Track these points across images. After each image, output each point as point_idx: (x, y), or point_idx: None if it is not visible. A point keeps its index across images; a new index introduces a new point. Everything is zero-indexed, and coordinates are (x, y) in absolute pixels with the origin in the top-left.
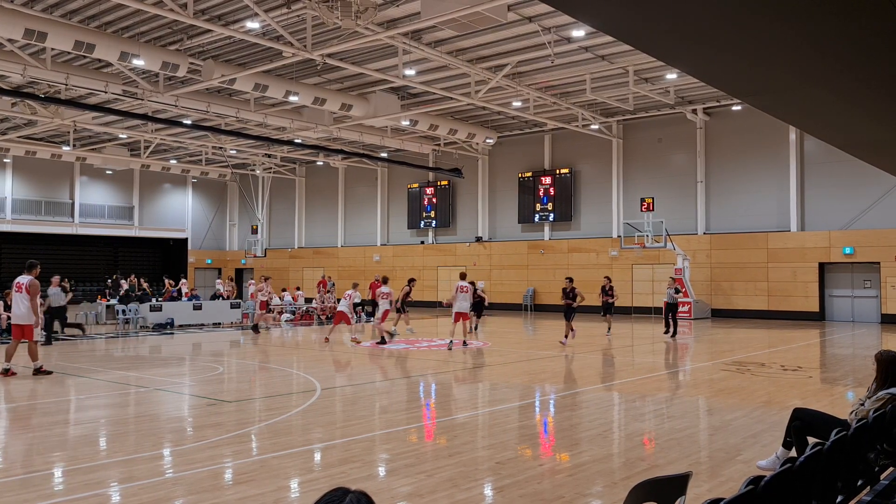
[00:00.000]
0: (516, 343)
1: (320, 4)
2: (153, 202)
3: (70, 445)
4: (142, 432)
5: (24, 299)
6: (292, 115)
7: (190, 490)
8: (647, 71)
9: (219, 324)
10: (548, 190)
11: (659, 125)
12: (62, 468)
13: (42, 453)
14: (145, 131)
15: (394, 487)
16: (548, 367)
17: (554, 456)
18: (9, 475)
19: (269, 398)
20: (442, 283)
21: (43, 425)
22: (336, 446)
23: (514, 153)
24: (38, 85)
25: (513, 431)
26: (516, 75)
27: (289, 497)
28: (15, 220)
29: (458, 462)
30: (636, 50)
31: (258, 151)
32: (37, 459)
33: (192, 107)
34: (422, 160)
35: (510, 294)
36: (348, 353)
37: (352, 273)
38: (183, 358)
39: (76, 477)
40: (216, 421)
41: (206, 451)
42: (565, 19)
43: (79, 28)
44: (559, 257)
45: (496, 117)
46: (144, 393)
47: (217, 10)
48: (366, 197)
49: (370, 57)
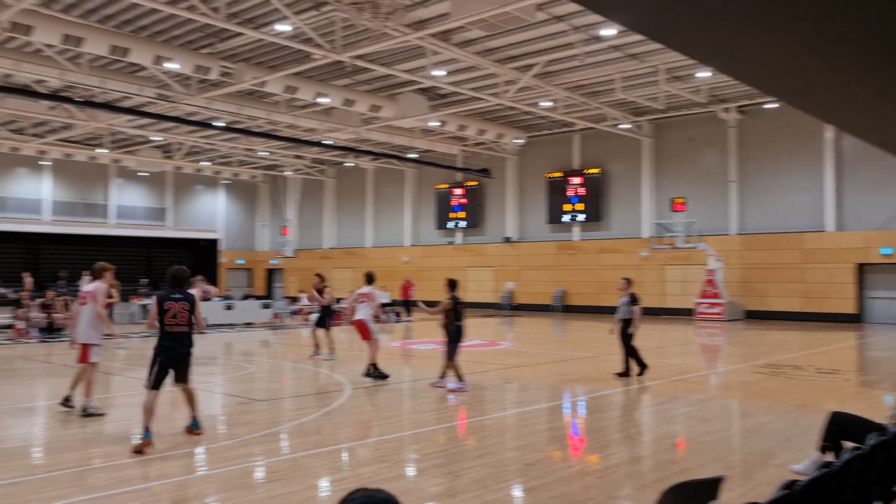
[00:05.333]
0: (545, 344)
1: (350, 6)
2: (185, 203)
3: (105, 442)
4: (176, 430)
5: None
6: (322, 117)
7: (221, 487)
8: (679, 69)
9: (250, 324)
10: (577, 190)
11: (690, 124)
12: (99, 464)
13: (79, 450)
14: (178, 134)
15: (423, 487)
16: (577, 369)
17: (583, 458)
18: (44, 471)
19: (298, 397)
20: (471, 284)
21: (78, 423)
22: (365, 446)
23: (543, 153)
24: (74, 89)
25: (542, 433)
26: (545, 75)
27: (318, 496)
28: (54, 221)
29: (487, 463)
30: (667, 48)
31: (288, 153)
32: (69, 457)
33: (223, 109)
34: (450, 161)
35: (539, 295)
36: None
37: (381, 274)
38: (214, 357)
39: (111, 473)
40: (247, 419)
41: (237, 450)
42: (595, 18)
43: (114, 33)
44: (589, 258)
45: (525, 117)
46: (177, 391)
47: (248, 13)
48: (394, 197)
49: (399, 58)
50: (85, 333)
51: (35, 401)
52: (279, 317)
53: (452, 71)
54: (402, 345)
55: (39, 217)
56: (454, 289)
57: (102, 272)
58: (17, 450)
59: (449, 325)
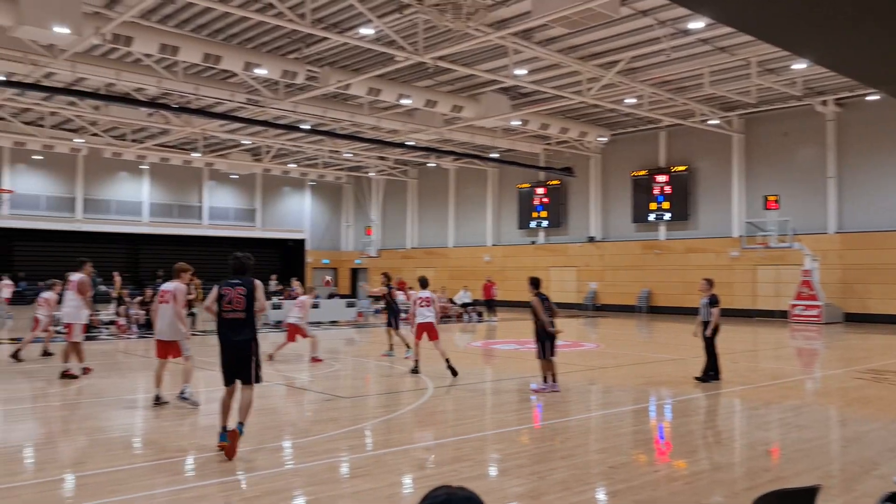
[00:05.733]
0: (630, 345)
1: (431, 8)
2: (273, 204)
3: (198, 434)
4: (263, 424)
5: (72, 297)
6: (404, 118)
7: (308, 481)
8: (772, 61)
9: (335, 322)
10: (663, 188)
11: (784, 118)
12: (193, 456)
13: (174, 440)
14: (266, 137)
15: (505, 488)
16: (663, 371)
17: (670, 462)
18: (142, 461)
19: (382, 395)
20: (553, 285)
21: (179, 415)
22: (447, 444)
23: (628, 151)
24: (171, 96)
25: (626, 436)
26: (630, 71)
27: (401, 493)
28: (152, 222)
29: (571, 465)
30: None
31: (372, 154)
32: (171, 447)
33: (309, 112)
34: (532, 160)
35: (623, 295)
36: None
37: (463, 273)
38: (301, 355)
39: (206, 466)
40: (333, 416)
41: (323, 445)
42: (682, 11)
43: (207, 41)
44: (675, 258)
45: (609, 115)
46: (266, 388)
47: (333, 18)
48: (476, 197)
49: (480, 58)
50: (171, 330)
51: (135, 393)
52: (363, 315)
53: (534, 69)
54: (483, 345)
55: (139, 218)
56: (538, 287)
57: (180, 272)
58: (119, 440)
59: (539, 324)
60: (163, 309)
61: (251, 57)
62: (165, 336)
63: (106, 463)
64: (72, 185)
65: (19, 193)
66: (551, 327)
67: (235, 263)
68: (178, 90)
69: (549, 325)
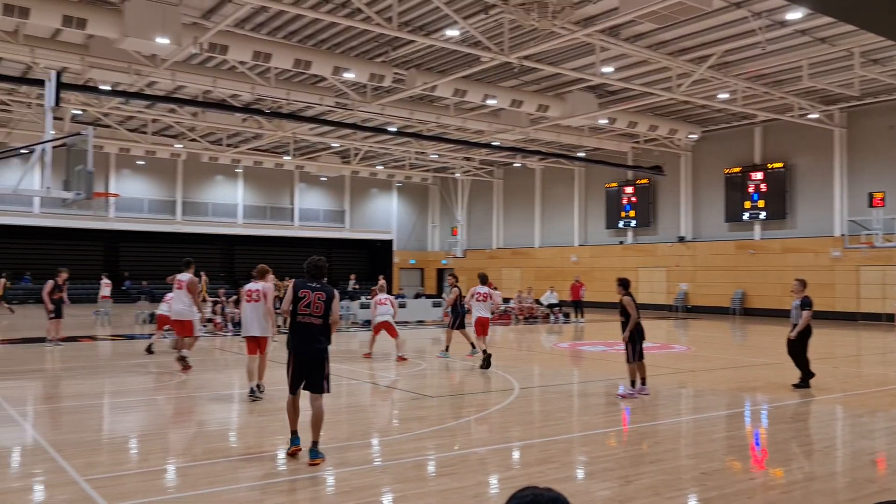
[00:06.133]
0: (723, 348)
1: (517, 8)
2: (362, 206)
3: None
4: (353, 421)
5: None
6: (490, 119)
7: (396, 478)
8: (877, 51)
9: (422, 321)
10: (758, 186)
11: (890, 111)
12: (283, 450)
13: (268, 436)
14: (355, 140)
15: (592, 491)
16: (759, 375)
17: (766, 470)
18: (247, 452)
19: (468, 395)
20: (642, 285)
21: (268, 410)
22: (534, 446)
23: (720, 148)
24: (263, 101)
25: (719, 441)
26: (722, 66)
27: (488, 492)
28: (246, 223)
29: (660, 470)
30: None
31: (458, 155)
32: (264, 441)
33: (396, 114)
34: (620, 158)
35: (716, 297)
36: (545, 355)
37: (549, 274)
38: (388, 354)
39: (298, 460)
40: (420, 415)
41: (410, 443)
42: (778, 2)
43: (298, 47)
44: (771, 258)
45: (700, 111)
46: (355, 385)
47: (419, 20)
48: (563, 197)
49: (566, 56)
50: (261, 327)
51: (231, 388)
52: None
53: (622, 67)
54: (570, 346)
55: (234, 220)
56: (628, 287)
57: (265, 273)
58: (217, 433)
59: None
60: (251, 307)
61: (340, 61)
62: (255, 332)
63: (204, 455)
64: (172, 188)
65: (124, 197)
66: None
67: (314, 268)
68: (270, 95)
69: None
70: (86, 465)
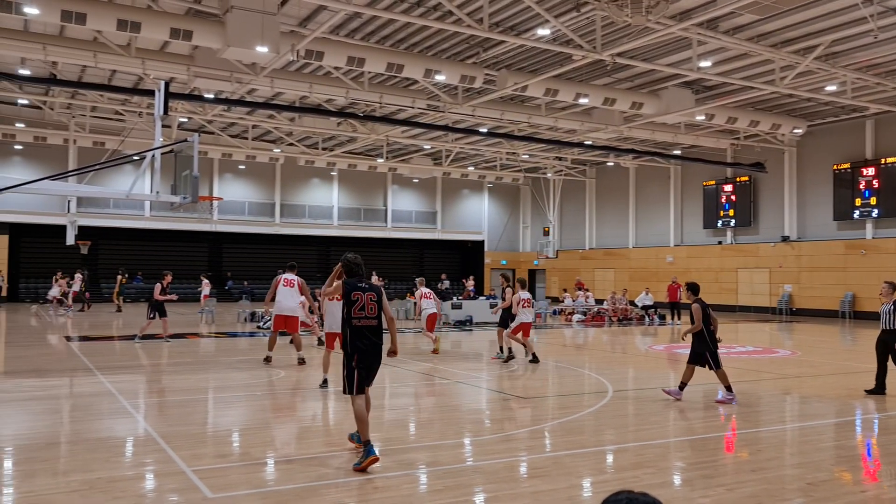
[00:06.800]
0: (831, 353)
1: (610, 4)
2: (453, 207)
3: (385, 428)
4: (445, 421)
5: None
6: (582, 117)
7: (488, 479)
8: None
9: None
10: (870, 182)
11: None
12: (378, 447)
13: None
14: (446, 141)
15: (691, 498)
16: (870, 383)
17: (880, 483)
18: (342, 447)
19: (561, 397)
20: (742, 287)
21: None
22: (628, 450)
23: (828, 143)
24: (357, 105)
25: (827, 450)
26: (829, 56)
27: (581, 495)
28: (340, 225)
29: (763, 478)
30: None
31: (549, 155)
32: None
33: (487, 115)
34: (719, 156)
35: (823, 299)
36: (640, 357)
37: (644, 275)
38: (480, 354)
39: (391, 457)
40: (511, 416)
41: (502, 444)
42: None
43: (390, 51)
44: (885, 258)
45: (805, 104)
46: (447, 385)
47: (509, 21)
48: (658, 196)
49: (661, 52)
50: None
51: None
52: (541, 316)
53: (720, 61)
54: (666, 348)
55: (330, 222)
56: (697, 293)
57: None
58: (315, 428)
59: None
60: (334, 306)
61: (431, 64)
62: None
63: (302, 450)
64: (271, 191)
65: (227, 200)
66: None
67: (356, 266)
68: (363, 99)
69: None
70: (192, 456)
